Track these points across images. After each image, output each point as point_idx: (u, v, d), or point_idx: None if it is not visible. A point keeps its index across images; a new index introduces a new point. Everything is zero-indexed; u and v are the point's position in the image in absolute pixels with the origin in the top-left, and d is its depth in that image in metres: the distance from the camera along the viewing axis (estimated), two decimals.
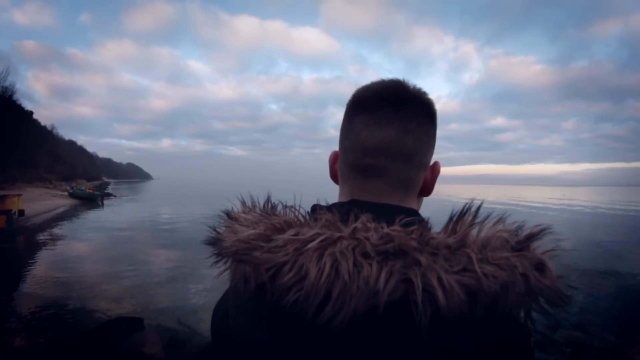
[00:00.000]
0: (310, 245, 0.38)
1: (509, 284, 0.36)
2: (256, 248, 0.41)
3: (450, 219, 0.42)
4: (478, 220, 0.41)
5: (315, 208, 0.46)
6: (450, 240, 0.39)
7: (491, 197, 55.43)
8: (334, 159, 0.56)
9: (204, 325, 5.63)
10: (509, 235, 0.41)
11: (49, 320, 5.65)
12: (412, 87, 0.51)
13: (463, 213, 0.42)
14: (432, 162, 0.53)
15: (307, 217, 0.45)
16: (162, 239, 13.75)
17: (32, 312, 5.89)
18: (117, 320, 5.33)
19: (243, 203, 0.51)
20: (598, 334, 5.37)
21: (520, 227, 0.42)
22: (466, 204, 0.42)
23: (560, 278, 0.40)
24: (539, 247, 0.41)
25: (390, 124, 0.48)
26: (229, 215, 0.50)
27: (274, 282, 0.39)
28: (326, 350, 0.39)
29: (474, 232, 0.40)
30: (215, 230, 0.49)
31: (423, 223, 0.41)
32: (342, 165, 0.53)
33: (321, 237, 0.39)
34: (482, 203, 0.42)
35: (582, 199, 53.60)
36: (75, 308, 6.22)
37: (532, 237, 0.41)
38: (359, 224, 0.39)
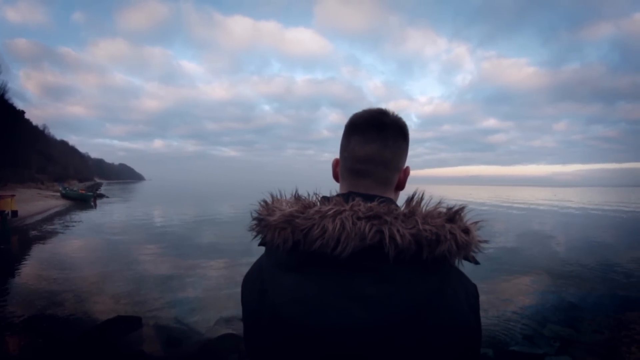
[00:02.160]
0: (328, 213, 0.63)
1: (440, 235, 0.60)
2: (296, 217, 0.65)
3: (407, 199, 0.68)
4: (425, 201, 0.67)
5: (327, 197, 0.71)
6: (405, 211, 0.64)
7: (483, 198, 55.85)
8: (336, 164, 0.80)
9: (201, 323, 5.72)
10: (445, 210, 0.65)
11: (46, 320, 5.67)
12: (391, 114, 0.76)
13: (414, 196, 0.67)
14: (405, 167, 0.78)
15: (323, 200, 0.70)
16: (155, 240, 13.76)
17: (29, 313, 5.90)
18: (116, 319, 5.39)
19: (272, 195, 0.75)
20: (585, 329, 5.53)
21: (453, 206, 0.66)
22: (416, 190, 0.68)
23: (484, 242, 0.65)
24: (469, 220, 0.65)
25: (374, 142, 0.73)
26: (267, 203, 0.73)
27: (306, 237, 0.63)
28: (336, 272, 0.62)
29: (421, 207, 0.65)
30: (258, 212, 0.72)
31: (390, 201, 0.68)
32: (342, 169, 0.78)
33: (334, 209, 0.64)
34: (424, 191, 0.68)
35: (573, 199, 54.15)
36: (72, 308, 6.24)
37: (459, 211, 0.65)
38: (354, 202, 0.65)
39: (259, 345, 0.70)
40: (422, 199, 0.67)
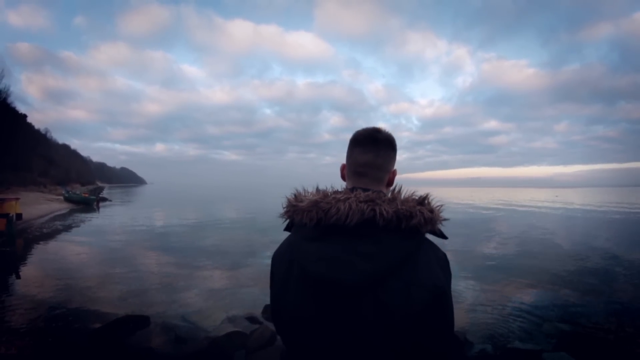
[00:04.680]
0: (341, 198, 0.91)
1: (412, 212, 0.89)
2: (320, 202, 0.93)
3: (391, 189, 0.99)
4: (404, 191, 0.96)
5: (338, 190, 0.99)
6: (390, 197, 0.93)
7: (485, 200, 55.76)
8: (343, 168, 1.10)
9: (208, 322, 5.83)
10: (417, 197, 0.94)
11: (55, 320, 5.78)
12: (383, 132, 1.05)
13: (395, 187, 0.98)
14: (393, 169, 1.06)
15: (336, 191, 0.99)
16: (159, 243, 13.90)
17: (37, 313, 6.02)
18: (124, 318, 5.50)
19: (297, 190, 1.02)
20: (583, 326, 5.66)
21: (422, 195, 0.95)
22: (396, 184, 1.00)
23: (446, 219, 0.94)
24: (435, 204, 0.94)
25: (371, 152, 1.03)
26: (296, 195, 1.01)
27: (326, 215, 0.91)
28: (346, 238, 0.89)
29: (401, 195, 0.94)
30: (289, 201, 1.00)
31: (380, 192, 0.96)
32: (347, 171, 1.07)
33: (344, 196, 0.92)
34: (402, 185, 0.98)
35: (575, 200, 53.93)
36: (80, 309, 6.35)
37: (426, 197, 0.94)
38: (357, 192, 0.93)
39: (286, 304, 0.95)
40: (401, 189, 0.97)
